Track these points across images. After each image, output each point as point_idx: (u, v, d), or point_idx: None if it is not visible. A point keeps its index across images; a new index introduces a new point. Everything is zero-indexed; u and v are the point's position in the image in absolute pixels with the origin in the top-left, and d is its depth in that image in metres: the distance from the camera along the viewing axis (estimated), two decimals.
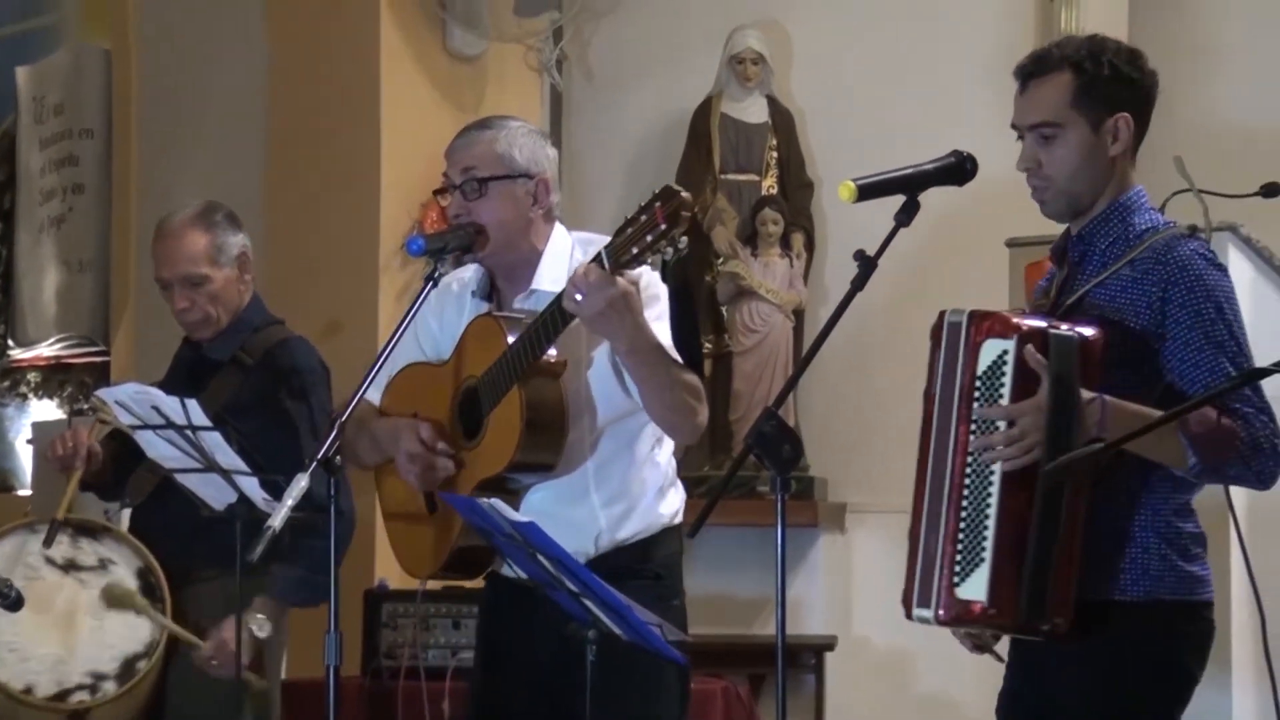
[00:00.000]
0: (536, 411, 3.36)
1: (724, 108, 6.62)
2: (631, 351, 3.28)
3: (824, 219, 6.60)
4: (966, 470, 2.98)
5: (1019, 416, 2.93)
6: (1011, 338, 2.96)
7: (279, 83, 6.50)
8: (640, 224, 3.14)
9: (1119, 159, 3.13)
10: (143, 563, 4.28)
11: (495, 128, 3.54)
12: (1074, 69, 3.11)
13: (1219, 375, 2.99)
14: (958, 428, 2.99)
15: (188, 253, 4.33)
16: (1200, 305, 3.02)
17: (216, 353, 4.38)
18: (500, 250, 3.50)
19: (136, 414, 4.06)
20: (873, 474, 6.41)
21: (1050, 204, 3.15)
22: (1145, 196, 3.16)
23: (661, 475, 3.55)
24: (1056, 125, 3.10)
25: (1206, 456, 2.94)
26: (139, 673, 4.20)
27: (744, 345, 6.49)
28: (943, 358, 3.05)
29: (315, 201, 6.31)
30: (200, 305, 4.34)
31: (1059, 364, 2.92)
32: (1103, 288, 3.08)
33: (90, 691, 4.18)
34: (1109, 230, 3.12)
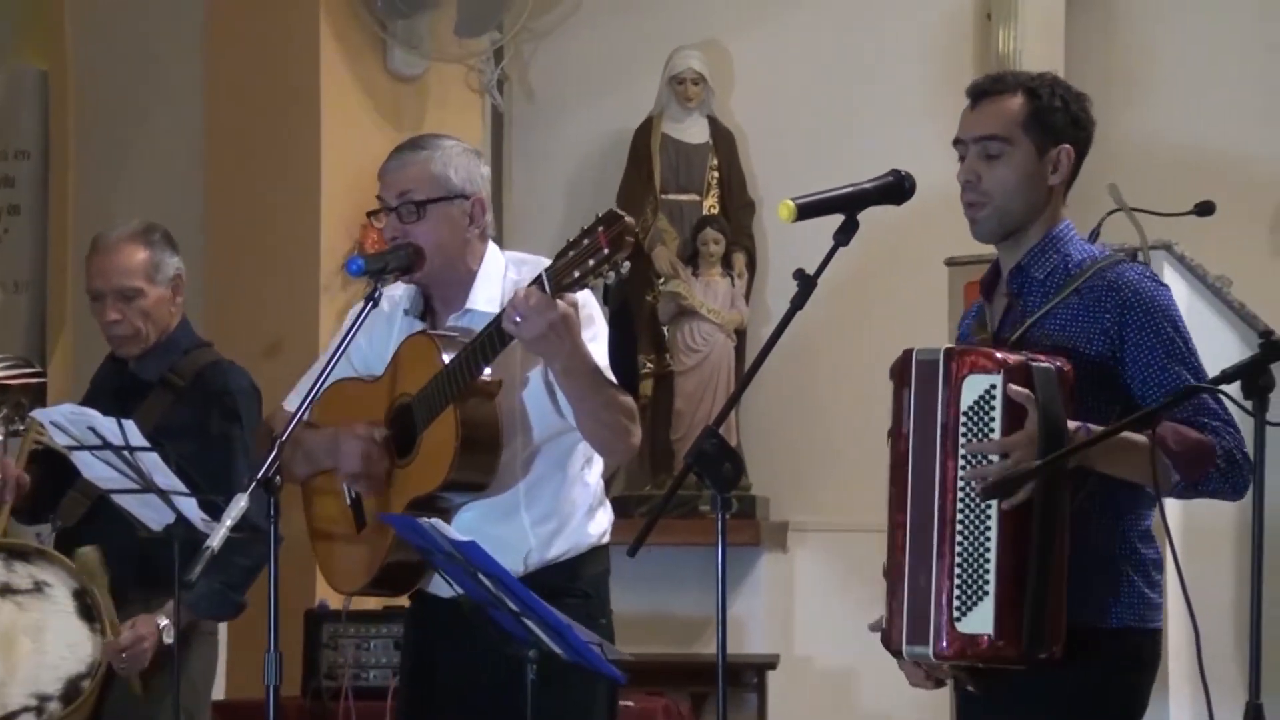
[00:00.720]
0: (472, 431, 3.35)
1: (665, 128, 6.64)
2: (567, 372, 3.29)
3: (765, 239, 6.62)
4: (959, 505, 2.98)
5: (1013, 449, 2.94)
6: (997, 373, 2.97)
7: (217, 103, 6.48)
8: (583, 247, 3.15)
9: (1055, 190, 3.17)
10: (78, 583, 4.25)
11: (430, 148, 3.53)
12: (1028, 94, 3.15)
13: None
14: (945, 463, 2.99)
15: (125, 265, 4.32)
16: (1159, 325, 3.07)
17: (145, 372, 4.36)
18: (438, 271, 3.50)
19: (73, 435, 4.04)
20: (815, 493, 6.43)
21: (982, 222, 3.16)
22: (1074, 229, 3.21)
23: (591, 495, 3.55)
24: (1004, 141, 3.13)
25: (1188, 473, 2.99)
26: (84, 692, 4.18)
27: (685, 365, 6.50)
28: (914, 395, 3.04)
29: (255, 222, 6.29)
30: (130, 320, 4.32)
31: (1045, 396, 2.94)
32: (1051, 318, 3.11)
33: (36, 713, 4.16)
34: (1046, 261, 3.15)
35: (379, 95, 6.42)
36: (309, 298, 6.13)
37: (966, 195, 3.16)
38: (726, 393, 6.38)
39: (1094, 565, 3.05)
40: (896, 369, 3.10)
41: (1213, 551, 4.98)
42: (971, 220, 3.17)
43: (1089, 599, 3.04)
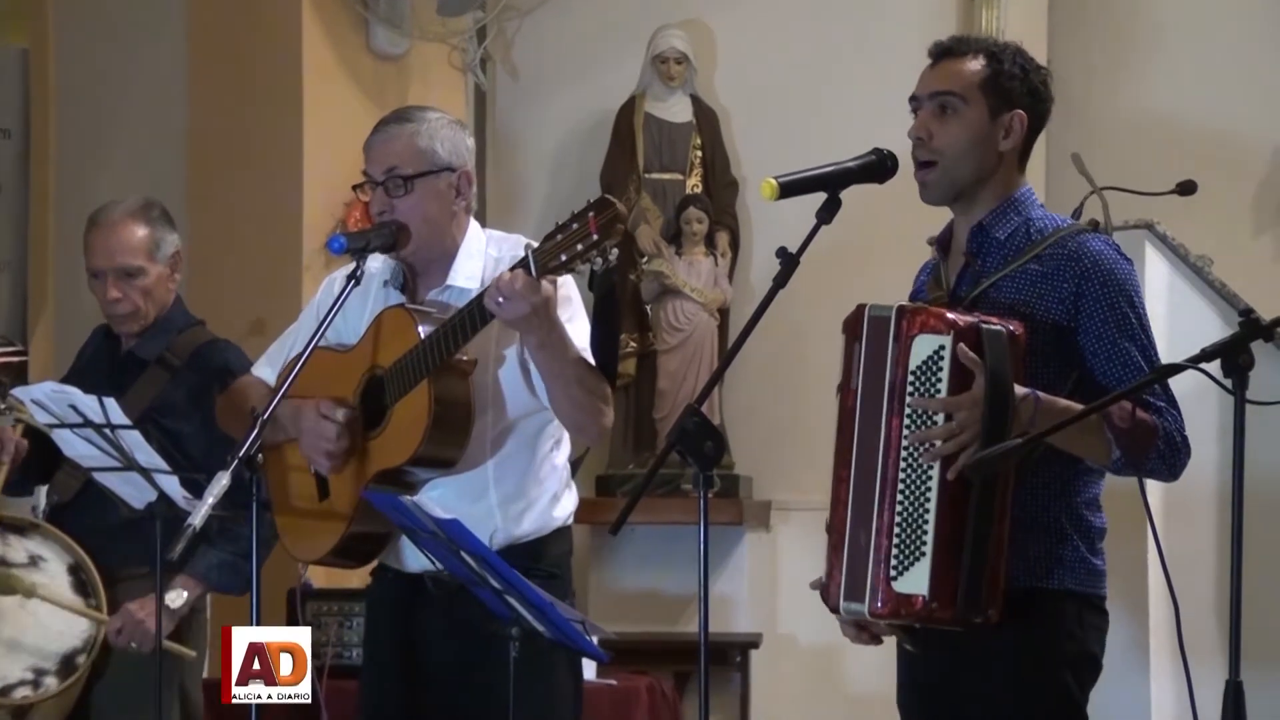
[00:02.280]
0: (444, 407, 3.34)
1: (648, 107, 6.63)
2: (541, 346, 3.28)
3: (748, 217, 6.62)
4: (902, 465, 2.98)
5: (957, 410, 2.94)
6: (947, 333, 2.97)
7: (200, 82, 6.46)
8: (572, 232, 3.14)
9: (1007, 155, 3.16)
10: (74, 559, 4.26)
11: (415, 120, 3.51)
12: (989, 57, 3.16)
13: (1131, 366, 3.05)
14: (889, 421, 3.00)
15: (126, 244, 4.31)
16: (1114, 299, 3.07)
17: (143, 351, 4.36)
18: (423, 247, 3.49)
19: (54, 413, 4.03)
20: (798, 471, 6.43)
21: (932, 184, 3.16)
22: (1035, 195, 3.21)
23: (558, 477, 3.55)
24: (959, 98, 3.13)
25: (1129, 450, 2.98)
26: (79, 667, 4.19)
27: (669, 344, 6.51)
28: (864, 351, 3.05)
29: (237, 201, 6.28)
30: (131, 298, 4.31)
31: (993, 359, 2.94)
32: (1009, 281, 3.11)
33: (33, 687, 4.17)
34: (1007, 222, 3.15)
35: (361, 74, 6.40)
36: (291, 276, 6.12)
37: (917, 153, 3.15)
38: (710, 371, 6.39)
39: (1038, 529, 3.06)
40: (849, 323, 3.10)
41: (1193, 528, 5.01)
42: (921, 183, 3.16)
43: (1031, 561, 3.05)
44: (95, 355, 4.48)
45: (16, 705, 4.12)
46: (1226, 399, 2.65)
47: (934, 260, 3.27)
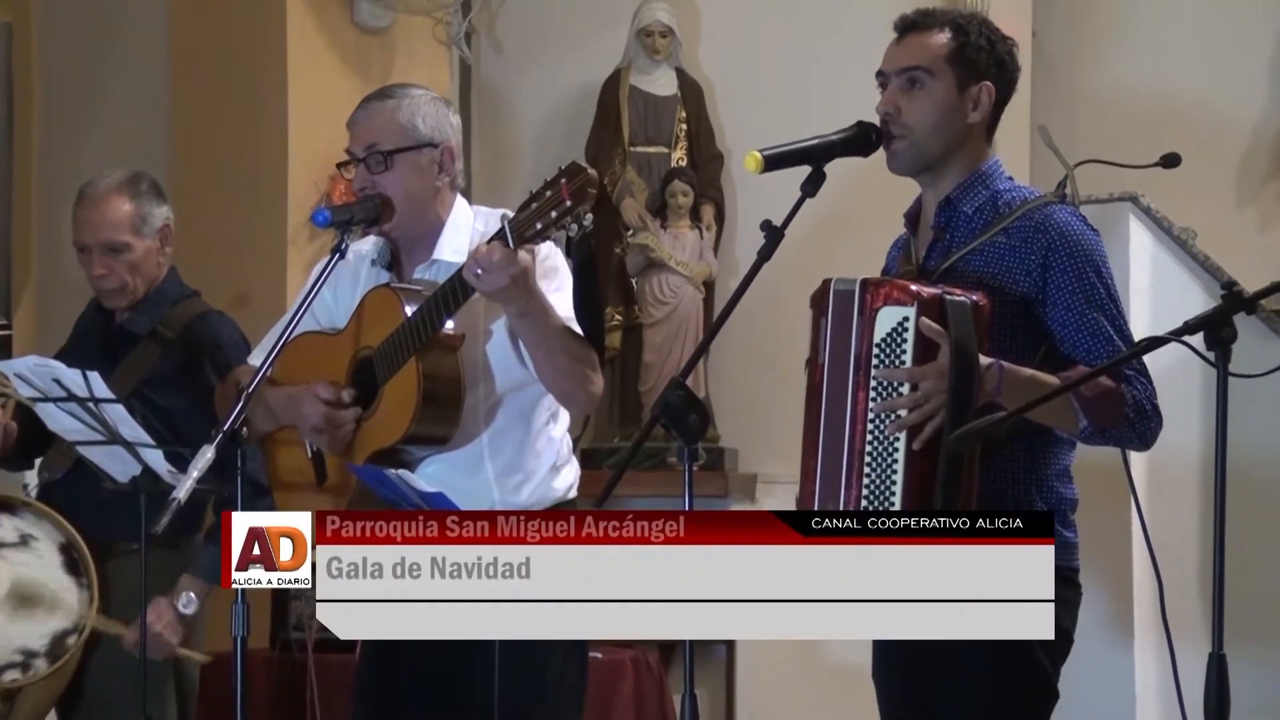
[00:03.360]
0: (434, 384, 3.34)
1: (633, 80, 6.62)
2: (522, 315, 3.28)
3: (734, 191, 6.61)
4: (868, 437, 2.99)
5: (922, 380, 2.95)
6: (911, 304, 2.97)
7: (183, 55, 6.44)
8: (545, 199, 3.14)
9: (975, 128, 3.16)
10: (65, 537, 4.24)
11: (397, 97, 3.51)
12: (955, 30, 3.16)
13: (1100, 336, 3.05)
14: (855, 394, 3.00)
15: (111, 219, 4.28)
16: (1081, 269, 3.07)
17: (134, 325, 4.34)
18: (406, 221, 3.48)
19: (37, 386, 4.02)
20: (784, 444, 6.35)
21: (899, 155, 3.15)
22: (1002, 167, 3.21)
23: (555, 450, 3.54)
24: (926, 72, 3.13)
25: (1096, 419, 2.99)
26: (69, 649, 4.17)
27: (654, 317, 6.50)
28: (830, 325, 3.05)
29: (222, 174, 6.26)
30: (118, 274, 4.29)
31: (957, 330, 2.94)
32: (977, 254, 3.11)
33: (22, 669, 4.15)
34: (974, 196, 3.15)
35: (345, 47, 6.38)
36: (276, 250, 6.11)
37: (887, 129, 3.15)
38: (695, 345, 6.38)
39: (1007, 501, 3.06)
40: (815, 298, 3.11)
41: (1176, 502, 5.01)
42: (890, 154, 3.16)
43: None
44: (88, 329, 4.46)
45: (6, 688, 4.10)
46: (1210, 372, 2.65)
47: (904, 235, 3.27)
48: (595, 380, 3.42)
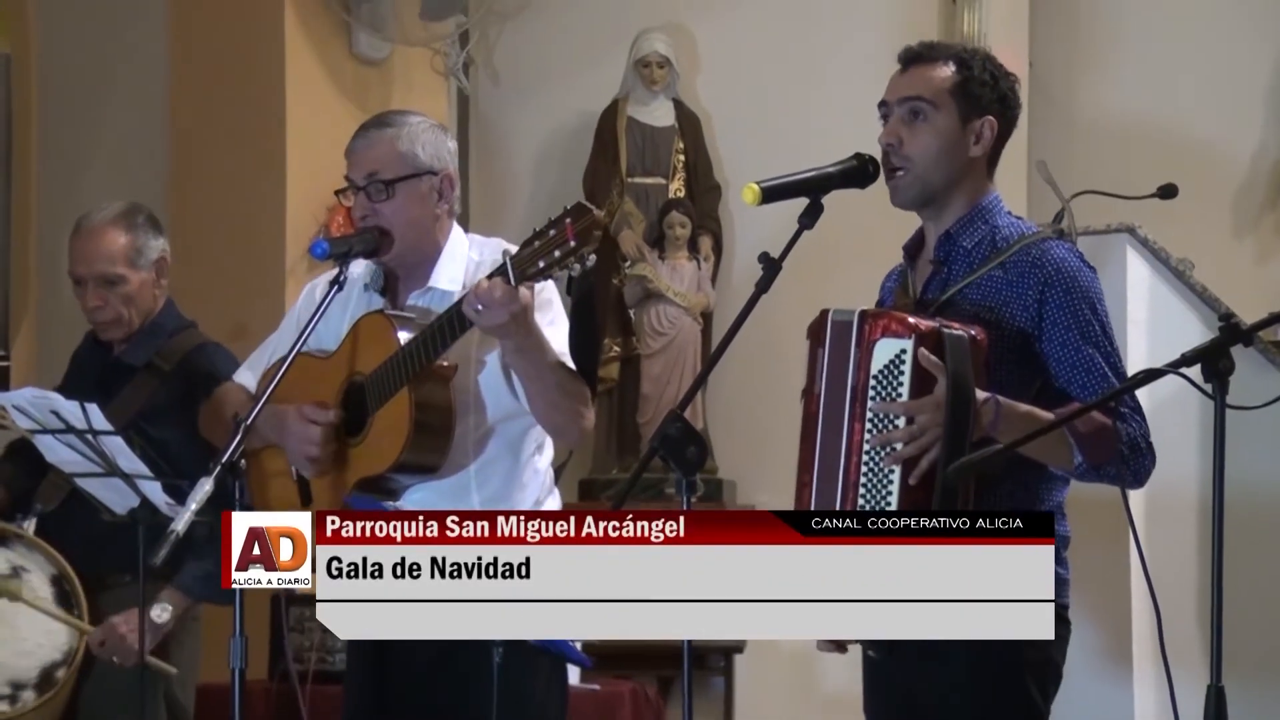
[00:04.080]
0: (425, 414, 3.34)
1: (630, 111, 6.63)
2: (519, 350, 3.28)
3: (731, 222, 6.63)
4: (863, 469, 2.99)
5: (918, 413, 2.94)
6: (909, 337, 2.96)
7: (182, 86, 6.45)
8: (549, 238, 3.13)
9: (976, 162, 3.16)
10: (56, 569, 4.24)
11: (396, 125, 3.50)
12: (958, 64, 3.15)
13: (1095, 372, 3.04)
14: (851, 425, 3.00)
15: (106, 252, 4.28)
16: (1077, 305, 3.07)
17: (131, 357, 4.34)
18: (405, 251, 3.48)
19: (35, 418, 4.01)
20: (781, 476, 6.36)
21: (903, 189, 3.15)
22: (1002, 202, 3.20)
23: (540, 481, 3.54)
24: (930, 104, 3.12)
25: (1091, 456, 2.98)
26: (58, 682, 4.16)
27: (652, 348, 6.50)
28: (828, 355, 3.05)
29: (221, 205, 6.27)
30: (113, 305, 4.29)
31: (955, 363, 2.94)
32: (975, 288, 3.11)
33: (10, 701, 4.14)
34: (974, 231, 3.15)
35: (344, 78, 6.40)
36: (275, 281, 6.12)
37: (889, 160, 3.15)
38: (693, 376, 6.39)
39: None
40: (812, 329, 3.10)
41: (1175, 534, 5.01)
42: (893, 188, 3.16)
43: None
44: (85, 361, 4.46)
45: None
46: (1207, 404, 2.65)
47: (901, 267, 3.27)
48: (587, 415, 3.42)
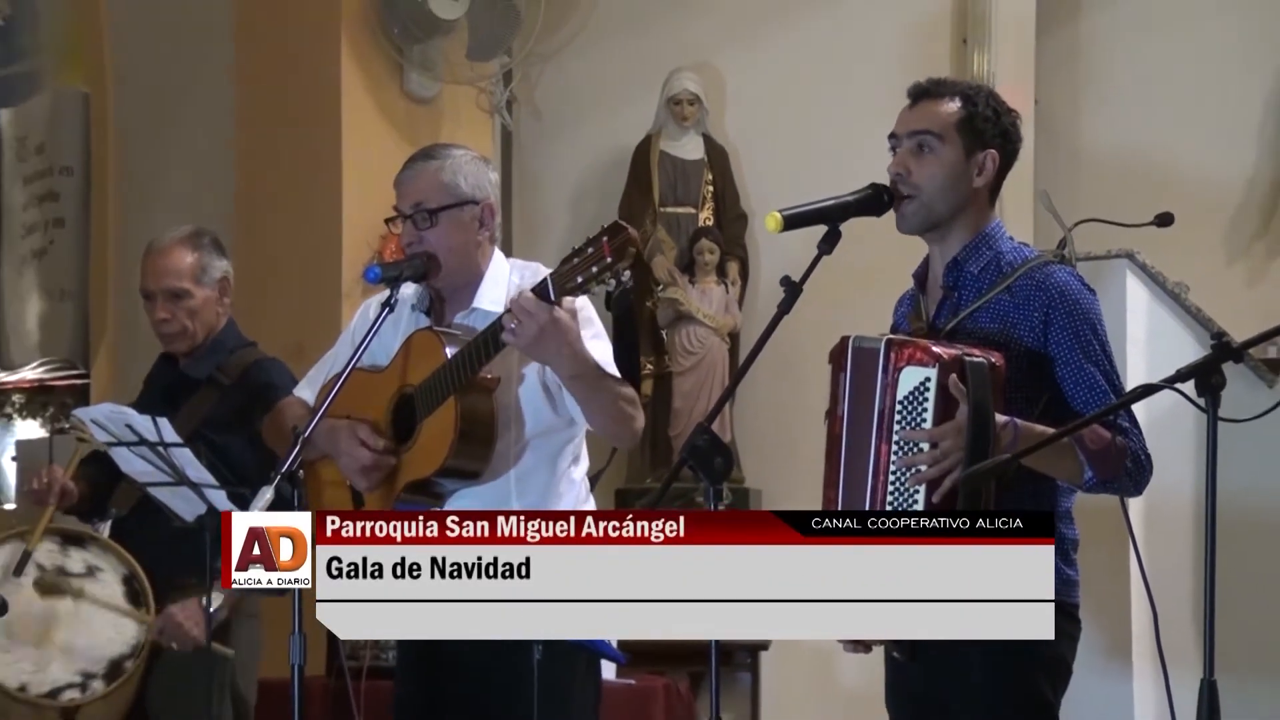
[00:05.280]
0: (469, 423, 3.35)
1: (663, 145, 6.64)
2: (574, 378, 3.29)
3: (757, 248, 6.63)
4: (890, 489, 2.98)
5: (941, 439, 2.94)
6: (933, 366, 2.96)
7: (246, 122, 6.49)
8: (587, 255, 3.14)
9: (979, 192, 3.16)
10: (128, 569, 4.26)
11: (440, 158, 3.52)
12: (964, 100, 3.15)
13: (1096, 389, 3.04)
14: (878, 448, 2.99)
15: (173, 268, 4.32)
16: (1079, 327, 3.07)
17: (194, 370, 4.36)
18: (450, 275, 3.50)
19: (111, 432, 4.04)
20: (804, 484, 6.35)
21: (909, 216, 3.15)
22: (1004, 228, 3.20)
23: (576, 490, 3.54)
24: (937, 137, 3.12)
25: (1100, 471, 2.98)
26: (126, 672, 4.18)
27: (683, 366, 6.51)
28: (850, 380, 3.05)
29: (281, 233, 6.30)
30: (179, 318, 4.33)
31: (976, 390, 2.93)
32: (984, 312, 3.10)
33: (80, 690, 4.15)
34: (979, 257, 3.15)
35: (396, 115, 6.42)
36: (330, 303, 6.14)
37: (897, 188, 3.14)
38: (721, 391, 6.38)
39: None
40: (834, 354, 3.10)
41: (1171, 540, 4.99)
42: (899, 214, 3.15)
43: None
44: (155, 376, 4.50)
45: (64, 707, 4.11)
46: (1201, 417, 2.64)
47: (911, 293, 3.27)
48: (638, 417, 3.43)
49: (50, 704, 4.09)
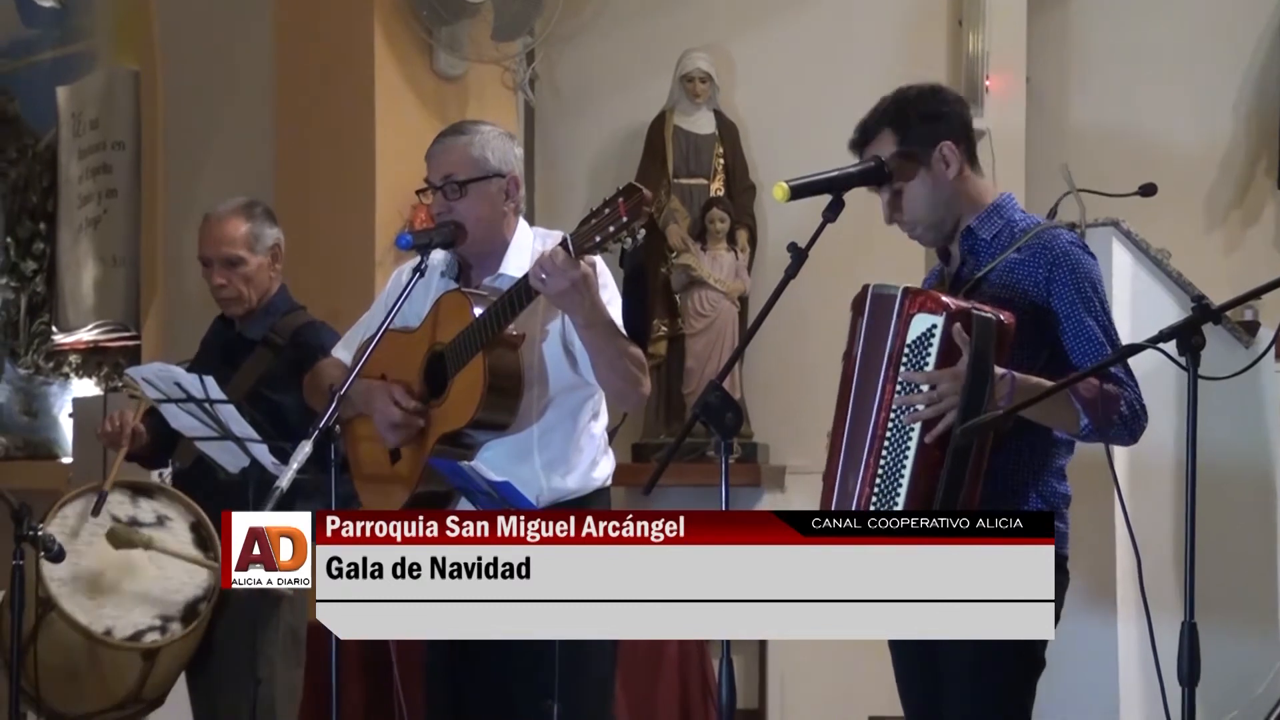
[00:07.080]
0: (497, 376, 3.35)
1: (676, 120, 6.61)
2: (588, 326, 3.29)
3: (765, 217, 6.60)
4: (889, 424, 2.98)
5: (939, 382, 2.94)
6: (941, 314, 2.96)
7: (286, 99, 6.48)
8: (604, 215, 3.15)
9: (959, 179, 3.14)
10: (194, 517, 4.27)
11: (469, 133, 3.52)
12: (892, 124, 3.14)
13: (1094, 341, 3.04)
14: (884, 387, 2.99)
15: (228, 236, 4.33)
16: (1080, 285, 3.07)
17: (250, 331, 4.38)
18: (477, 243, 3.49)
19: (161, 389, 4.05)
20: (810, 439, 6.34)
21: (924, 241, 3.20)
22: (1016, 200, 3.20)
23: (596, 445, 3.55)
24: (895, 175, 3.12)
25: (1096, 419, 2.97)
26: (200, 614, 4.19)
27: (695, 328, 6.49)
28: (866, 324, 3.06)
29: (319, 204, 6.29)
30: (234, 284, 4.33)
31: (979, 341, 2.93)
32: (996, 271, 3.11)
33: (160, 632, 4.17)
34: (992, 225, 3.15)
35: (425, 93, 6.40)
36: (365, 270, 6.14)
37: (900, 227, 3.17)
38: (731, 352, 6.37)
39: (1008, 493, 3.04)
40: (856, 301, 3.11)
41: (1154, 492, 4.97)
42: (917, 239, 3.20)
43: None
44: (212, 338, 4.51)
45: (146, 648, 4.13)
46: (1182, 376, 2.63)
47: (939, 266, 3.27)
48: (645, 382, 3.44)
49: (134, 646, 4.10)
